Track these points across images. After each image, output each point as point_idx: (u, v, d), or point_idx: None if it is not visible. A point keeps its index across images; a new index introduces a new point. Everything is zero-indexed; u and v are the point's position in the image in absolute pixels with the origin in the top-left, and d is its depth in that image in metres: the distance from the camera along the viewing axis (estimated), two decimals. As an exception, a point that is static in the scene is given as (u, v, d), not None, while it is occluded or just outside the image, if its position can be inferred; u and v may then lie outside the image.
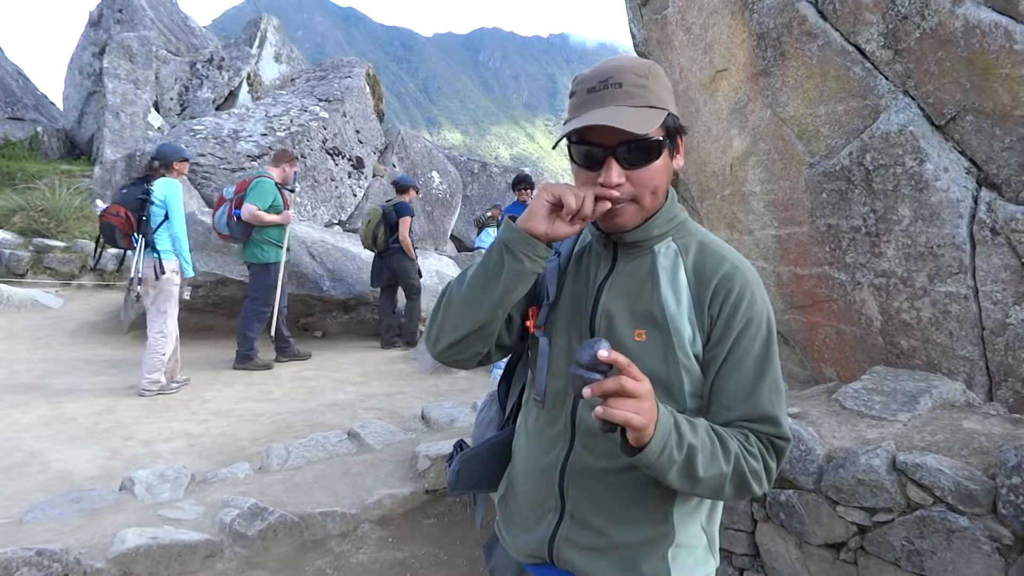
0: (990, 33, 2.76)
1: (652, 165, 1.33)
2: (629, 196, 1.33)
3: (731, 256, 1.40)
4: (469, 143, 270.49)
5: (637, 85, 1.30)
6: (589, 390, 1.10)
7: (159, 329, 6.16)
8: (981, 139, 2.88)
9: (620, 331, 1.37)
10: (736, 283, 1.35)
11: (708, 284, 1.36)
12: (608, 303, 1.40)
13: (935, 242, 3.04)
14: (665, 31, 4.22)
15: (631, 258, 1.42)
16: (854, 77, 3.20)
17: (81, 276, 10.76)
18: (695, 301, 1.36)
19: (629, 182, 1.32)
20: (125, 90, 15.95)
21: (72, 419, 5.40)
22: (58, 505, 3.68)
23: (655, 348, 1.34)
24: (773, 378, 1.36)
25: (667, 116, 1.33)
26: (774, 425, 1.33)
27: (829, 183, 3.37)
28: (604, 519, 1.39)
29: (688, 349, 1.34)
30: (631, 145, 1.30)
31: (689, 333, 1.34)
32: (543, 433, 1.47)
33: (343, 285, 8.49)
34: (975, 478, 2.24)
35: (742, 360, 1.34)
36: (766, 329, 1.36)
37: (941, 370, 3.16)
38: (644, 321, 1.37)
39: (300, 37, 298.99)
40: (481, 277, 1.38)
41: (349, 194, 15.51)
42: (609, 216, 1.35)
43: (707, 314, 1.35)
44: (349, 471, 4.21)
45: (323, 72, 17.68)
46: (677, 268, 1.39)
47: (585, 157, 1.33)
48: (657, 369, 1.33)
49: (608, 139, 1.30)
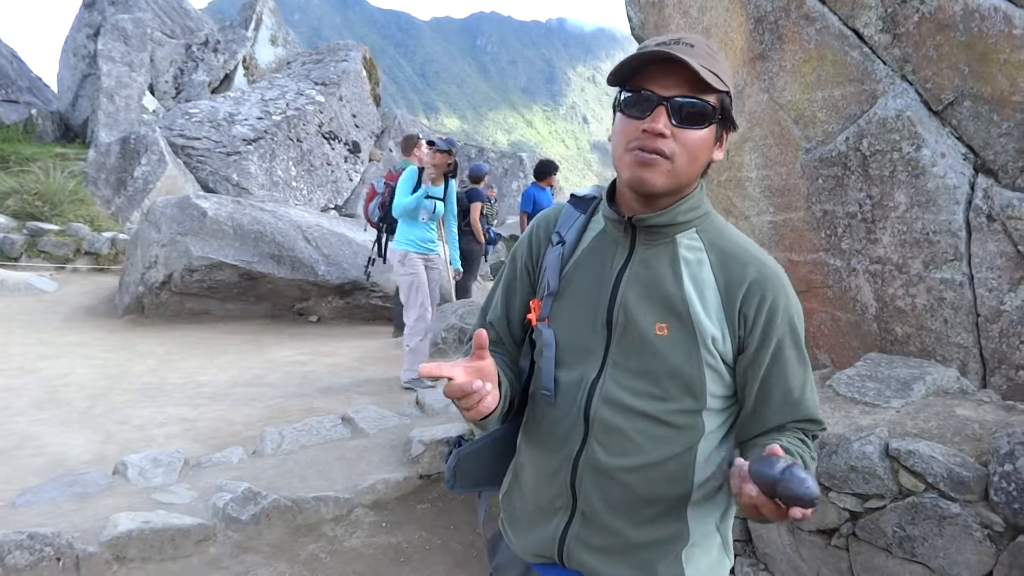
0: (989, 17, 2.74)
1: (699, 131, 1.28)
2: (668, 152, 1.26)
3: (761, 255, 1.38)
4: (467, 128, 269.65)
5: (707, 54, 1.26)
6: (800, 513, 1.03)
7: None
8: (979, 125, 2.86)
9: (641, 324, 1.33)
10: (771, 287, 1.34)
11: (739, 285, 1.33)
12: (627, 294, 1.35)
13: (931, 228, 3.03)
14: (662, 14, 4.19)
15: (650, 245, 1.37)
16: (852, 62, 3.18)
17: (75, 260, 10.72)
18: (724, 300, 1.33)
19: (672, 139, 1.26)
20: (120, 72, 15.83)
21: (66, 403, 5.40)
22: (51, 489, 3.68)
23: (678, 343, 1.31)
24: (810, 378, 1.39)
25: (726, 95, 1.29)
26: (818, 424, 1.39)
27: (825, 169, 3.35)
28: (618, 518, 1.35)
29: (713, 348, 1.31)
30: (686, 100, 1.25)
31: (716, 332, 1.31)
32: (553, 428, 1.41)
33: (338, 270, 8.47)
34: (967, 465, 2.24)
35: (786, 367, 1.35)
36: (800, 331, 1.37)
37: (935, 357, 3.15)
38: (666, 314, 1.32)
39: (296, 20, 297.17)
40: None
41: (345, 178, 15.48)
42: (639, 165, 1.27)
43: (739, 315, 1.33)
44: (343, 456, 4.21)
45: (319, 55, 17.59)
46: (702, 263, 1.35)
47: (636, 102, 1.27)
48: (680, 365, 1.31)
49: (665, 88, 1.25)
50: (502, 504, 1.58)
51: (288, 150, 14.42)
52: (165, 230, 8.13)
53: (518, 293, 1.54)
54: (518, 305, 1.53)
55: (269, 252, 8.19)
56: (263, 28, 18.70)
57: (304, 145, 14.74)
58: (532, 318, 1.45)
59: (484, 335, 1.23)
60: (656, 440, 1.33)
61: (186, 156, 13.78)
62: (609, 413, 1.33)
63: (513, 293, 1.55)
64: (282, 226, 8.44)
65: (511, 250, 1.61)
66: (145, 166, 12.86)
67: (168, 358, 6.92)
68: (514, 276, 1.55)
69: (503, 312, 1.55)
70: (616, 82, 1.31)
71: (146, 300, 8.24)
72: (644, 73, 1.27)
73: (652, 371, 1.32)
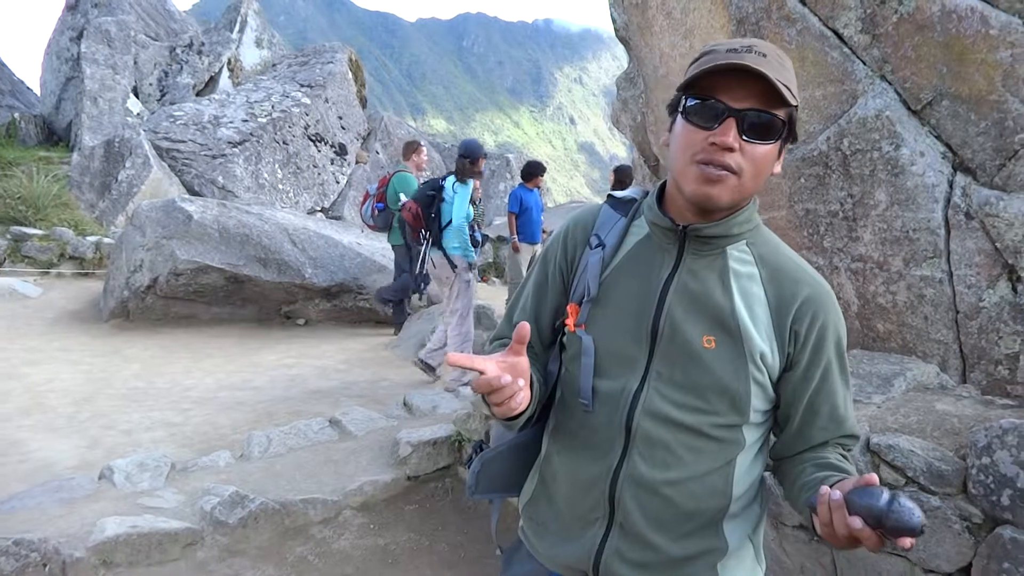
0: (966, 18, 2.77)
1: (767, 146, 1.23)
2: (736, 166, 1.22)
3: (813, 273, 1.37)
4: (454, 130, 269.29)
5: (779, 64, 1.22)
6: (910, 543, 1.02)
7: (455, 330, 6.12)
8: (957, 124, 2.90)
9: (688, 336, 1.30)
10: (823, 306, 1.34)
11: (791, 302, 1.32)
12: (673, 304, 1.31)
13: (911, 226, 3.06)
14: (645, 15, 4.21)
15: (700, 256, 1.33)
16: (832, 62, 3.21)
17: (60, 264, 10.64)
18: (775, 316, 1.32)
19: (740, 152, 1.21)
20: (103, 75, 15.74)
21: (51, 409, 5.37)
22: (37, 495, 3.66)
23: (726, 357, 1.29)
24: (851, 395, 1.42)
25: (794, 108, 1.25)
26: (856, 439, 1.41)
27: (807, 168, 3.39)
28: (657, 532, 1.32)
29: (761, 363, 1.30)
30: (758, 114, 1.21)
31: (765, 348, 1.30)
32: (590, 438, 1.36)
33: (325, 272, 8.46)
34: (946, 459, 2.27)
35: (835, 385, 1.36)
36: (845, 349, 1.39)
37: (916, 353, 3.19)
38: (714, 327, 1.30)
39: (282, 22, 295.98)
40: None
41: (332, 181, 15.45)
42: (706, 181, 1.23)
43: (789, 331, 1.32)
44: (331, 458, 4.21)
45: (305, 58, 17.55)
46: (752, 277, 1.33)
47: (705, 111, 1.22)
48: (727, 379, 1.29)
49: (736, 101, 1.20)
50: (525, 512, 1.53)
51: (274, 152, 14.38)
52: (150, 234, 8.09)
53: (549, 295, 1.49)
54: (549, 308, 1.48)
55: (255, 255, 8.16)
56: (248, 30, 18.63)
57: (290, 147, 14.70)
58: (570, 323, 1.39)
59: (527, 328, 1.19)
60: (698, 453, 1.31)
61: (171, 159, 13.71)
62: (652, 425, 1.30)
63: (544, 295, 1.49)
64: (268, 229, 8.42)
65: (543, 250, 1.55)
66: (129, 169, 12.79)
67: (154, 362, 6.89)
68: (546, 277, 1.50)
69: (533, 314, 1.49)
70: (683, 86, 1.26)
71: (131, 304, 8.20)
72: (713, 80, 1.21)
73: (698, 384, 1.29)
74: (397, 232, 7.73)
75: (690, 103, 1.25)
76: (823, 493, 1.09)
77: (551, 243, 1.52)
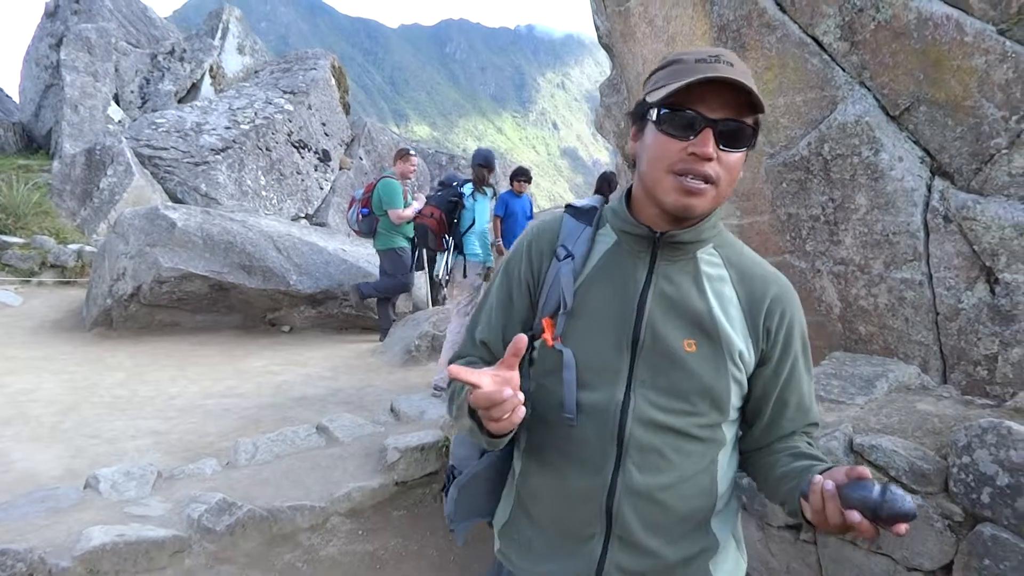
0: (942, 25, 2.83)
1: (739, 153, 1.26)
2: (714, 176, 1.24)
3: (775, 272, 1.43)
4: (437, 136, 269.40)
5: (745, 72, 1.24)
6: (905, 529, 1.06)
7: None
8: (934, 129, 2.96)
9: (670, 341, 1.31)
10: (789, 304, 1.40)
11: (761, 301, 1.37)
12: (653, 310, 1.32)
13: (891, 230, 3.12)
14: (628, 23, 4.26)
15: (673, 261, 1.35)
16: (812, 68, 3.26)
17: (41, 273, 10.54)
18: (747, 316, 1.36)
19: (716, 162, 1.23)
20: (84, 83, 15.63)
21: (34, 418, 5.31)
22: (22, 505, 3.63)
23: (707, 359, 1.32)
24: (813, 384, 1.47)
25: (760, 114, 1.27)
26: (818, 426, 1.48)
27: (789, 173, 3.44)
28: (654, 539, 1.33)
29: (739, 361, 1.34)
30: (732, 124, 1.23)
31: (741, 346, 1.34)
32: (577, 452, 1.34)
33: (310, 279, 8.43)
34: (928, 458, 2.31)
35: (800, 378, 1.42)
36: (808, 342, 1.44)
37: (898, 355, 3.24)
38: (694, 331, 1.32)
39: (264, 29, 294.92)
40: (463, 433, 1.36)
41: (316, 187, 15.40)
42: (687, 193, 1.24)
43: (762, 328, 1.36)
44: (318, 465, 4.20)
45: (288, 64, 17.50)
46: (723, 279, 1.37)
47: (680, 122, 1.23)
48: (709, 380, 1.31)
49: (711, 111, 1.22)
50: (503, 534, 1.49)
51: (257, 159, 14.32)
52: (133, 242, 8.04)
53: (516, 310, 1.45)
54: (516, 322, 1.44)
55: (239, 262, 8.13)
56: (230, 37, 18.56)
57: (273, 154, 14.64)
58: (547, 338, 1.35)
59: (524, 340, 1.17)
60: (686, 455, 1.33)
61: (153, 167, 13.63)
62: (644, 433, 1.31)
63: (510, 310, 1.45)
64: (252, 236, 8.39)
65: (503, 265, 1.51)
66: (111, 177, 12.69)
67: (138, 371, 6.84)
68: (510, 292, 1.46)
69: (500, 330, 1.45)
70: (657, 98, 1.25)
71: (114, 313, 8.13)
72: (687, 90, 1.22)
73: (681, 387, 1.31)
74: (382, 237, 7.75)
75: (664, 113, 1.25)
76: (816, 482, 1.13)
77: (512, 257, 1.49)
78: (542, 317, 1.38)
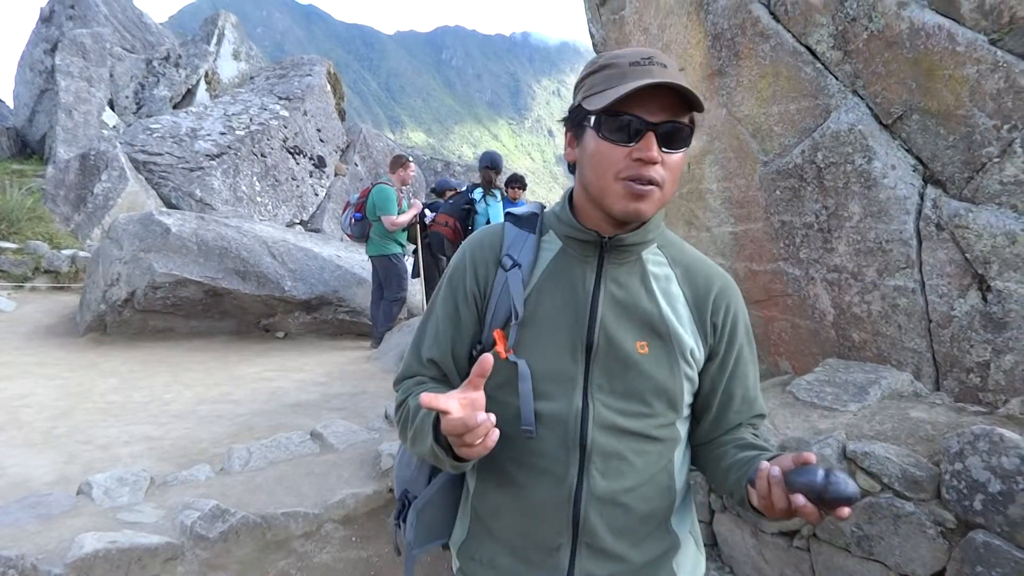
0: (934, 35, 2.85)
1: (681, 152, 1.27)
2: (659, 180, 1.24)
3: (717, 267, 1.46)
4: (433, 142, 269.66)
5: (678, 72, 1.26)
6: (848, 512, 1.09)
7: None
8: (927, 137, 2.98)
9: (623, 344, 1.32)
10: (732, 297, 1.43)
11: (706, 297, 1.39)
12: (605, 315, 1.32)
13: (884, 238, 3.13)
14: (623, 31, 4.28)
15: (620, 264, 1.36)
16: (805, 77, 3.28)
17: (35, 278, 10.51)
18: (694, 312, 1.38)
19: (661, 164, 1.24)
20: (78, 88, 15.61)
21: (27, 424, 5.29)
22: (13, 511, 3.61)
23: (660, 359, 1.33)
24: (758, 374, 1.49)
25: (697, 113, 1.29)
26: (764, 417, 1.50)
27: (782, 181, 3.45)
28: (620, 543, 1.33)
29: (690, 358, 1.35)
30: (673, 125, 1.23)
31: (691, 344, 1.35)
32: (538, 463, 1.32)
33: (305, 285, 8.43)
34: (920, 465, 2.32)
35: (746, 370, 1.44)
36: (751, 332, 1.46)
37: (891, 362, 3.26)
38: (645, 332, 1.33)
39: (259, 34, 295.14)
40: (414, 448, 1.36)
41: (311, 193, 15.39)
42: (635, 198, 1.25)
43: (709, 324, 1.38)
44: (312, 471, 4.19)
45: (283, 70, 17.52)
46: (670, 278, 1.38)
47: (622, 128, 1.23)
48: (663, 380, 1.33)
49: (651, 114, 1.22)
50: (462, 553, 1.46)
51: (252, 165, 14.31)
52: (127, 247, 8.02)
53: (463, 324, 1.42)
54: (465, 337, 1.42)
55: (234, 268, 8.12)
56: (225, 43, 18.57)
57: (268, 160, 14.63)
58: (500, 350, 1.32)
59: (490, 360, 1.14)
60: (646, 456, 1.34)
61: (148, 172, 13.60)
62: (605, 438, 1.31)
63: (458, 324, 1.42)
64: (247, 242, 8.38)
65: (445, 280, 1.48)
66: (105, 182, 12.67)
67: (132, 377, 6.82)
68: (456, 306, 1.43)
69: (449, 346, 1.43)
70: (597, 105, 1.25)
71: (108, 318, 8.11)
72: (625, 95, 1.21)
73: (637, 389, 1.32)
74: (375, 243, 7.75)
75: (604, 119, 1.24)
76: (763, 468, 1.14)
77: (454, 270, 1.46)
78: (492, 329, 1.36)
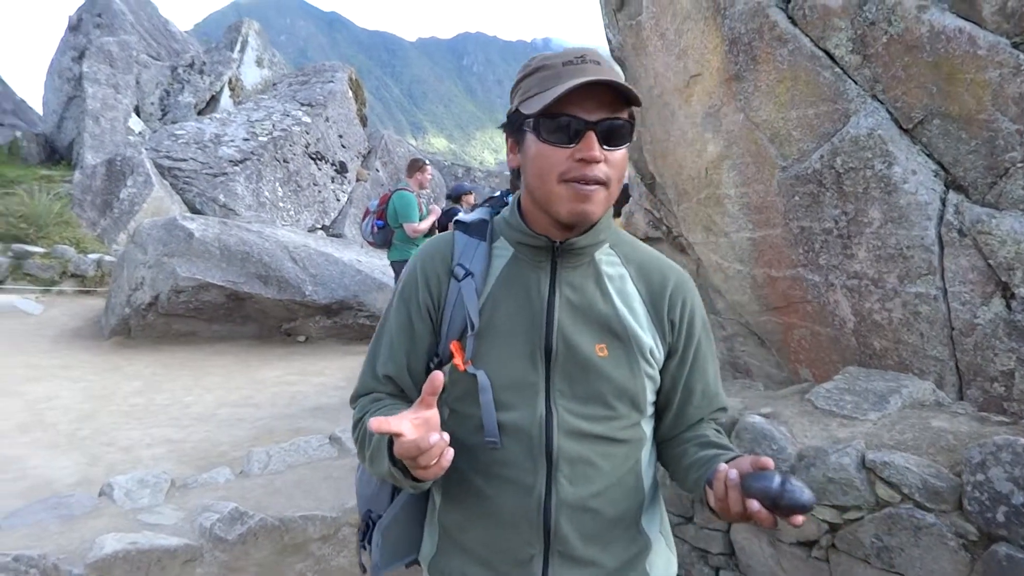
0: (955, 39, 2.81)
1: (623, 149, 1.26)
2: (604, 178, 1.23)
3: (669, 262, 1.45)
4: (455, 148, 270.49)
5: (612, 67, 1.25)
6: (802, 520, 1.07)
7: None
8: (948, 142, 2.93)
9: (582, 348, 1.30)
10: (688, 292, 1.41)
11: (662, 294, 1.38)
12: (562, 320, 1.31)
13: (904, 244, 3.09)
14: (640, 36, 4.27)
15: (573, 267, 1.34)
16: (824, 81, 3.25)
17: (61, 282, 10.67)
18: (651, 310, 1.37)
19: (605, 163, 1.22)
20: (105, 95, 15.86)
21: (51, 426, 5.37)
22: (36, 511, 3.66)
23: (620, 361, 1.32)
24: (718, 368, 1.48)
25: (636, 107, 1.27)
26: (725, 411, 1.48)
27: (801, 186, 3.42)
28: (592, 548, 1.32)
29: (650, 358, 1.35)
30: (612, 122, 1.22)
31: (650, 342, 1.34)
32: (504, 473, 1.30)
33: (326, 290, 8.48)
34: (942, 475, 2.29)
35: (704, 364, 1.43)
36: (708, 324, 1.46)
37: (913, 370, 3.21)
38: (604, 335, 1.32)
39: (282, 42, 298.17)
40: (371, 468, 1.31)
41: (332, 199, 15.50)
42: (580, 200, 1.23)
43: (666, 321, 1.37)
44: (330, 475, 4.21)
45: (305, 77, 17.67)
46: (624, 277, 1.37)
47: (561, 129, 1.21)
48: (625, 382, 1.32)
49: (589, 113, 1.21)
50: (432, 568, 1.43)
51: (275, 171, 14.45)
52: (151, 251, 8.13)
53: (418, 337, 1.39)
54: (420, 350, 1.39)
55: (256, 272, 8.20)
56: (249, 50, 18.78)
57: (291, 166, 14.76)
58: (458, 363, 1.29)
59: (440, 377, 1.13)
60: (613, 459, 1.34)
61: (172, 177, 13.78)
62: (571, 444, 1.29)
63: (412, 338, 1.39)
64: (269, 246, 8.46)
65: (397, 293, 1.45)
66: (131, 188, 12.85)
67: (154, 380, 6.90)
68: (410, 319, 1.39)
69: (405, 360, 1.39)
70: (533, 108, 1.23)
71: (132, 322, 8.22)
72: (562, 96, 1.19)
73: (599, 393, 1.31)
74: (397, 249, 7.77)
75: (542, 122, 1.23)
76: (720, 471, 1.15)
77: (406, 282, 1.43)
78: (448, 340, 1.33)
